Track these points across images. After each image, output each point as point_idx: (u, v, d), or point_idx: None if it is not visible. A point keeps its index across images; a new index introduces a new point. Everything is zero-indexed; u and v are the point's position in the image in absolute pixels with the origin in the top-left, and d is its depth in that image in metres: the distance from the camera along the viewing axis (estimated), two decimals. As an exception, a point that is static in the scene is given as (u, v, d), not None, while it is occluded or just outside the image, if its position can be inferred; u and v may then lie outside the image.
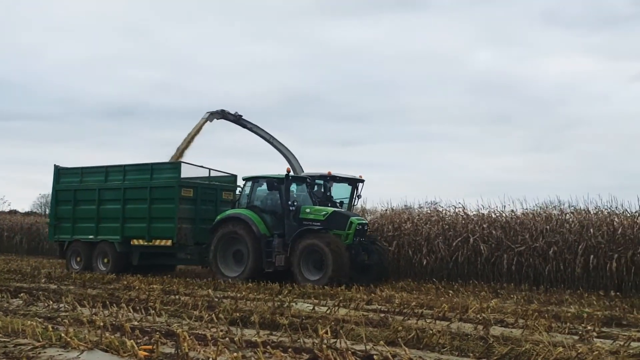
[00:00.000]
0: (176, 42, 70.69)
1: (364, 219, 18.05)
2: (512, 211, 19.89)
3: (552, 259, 17.54)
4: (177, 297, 12.44)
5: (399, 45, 67.25)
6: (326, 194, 18.41)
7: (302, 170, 22.85)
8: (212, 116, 23.74)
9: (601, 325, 9.96)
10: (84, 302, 10.92)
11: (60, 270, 20.06)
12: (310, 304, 11.74)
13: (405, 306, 11.51)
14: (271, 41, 71.73)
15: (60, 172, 21.36)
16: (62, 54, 76.48)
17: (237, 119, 24.30)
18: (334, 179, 18.11)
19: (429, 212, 21.91)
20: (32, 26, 73.54)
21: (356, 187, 18.93)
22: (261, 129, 24.33)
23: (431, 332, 8.20)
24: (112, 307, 10.17)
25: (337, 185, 18.43)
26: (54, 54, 75.65)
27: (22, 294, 12.13)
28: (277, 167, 27.86)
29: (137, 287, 14.47)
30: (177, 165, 19.58)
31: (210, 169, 20.20)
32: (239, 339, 7.34)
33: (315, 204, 17.69)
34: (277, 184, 17.30)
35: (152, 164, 19.66)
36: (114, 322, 8.67)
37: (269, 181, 17.52)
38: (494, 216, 19.90)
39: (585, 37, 62.21)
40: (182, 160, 21.49)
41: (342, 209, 18.43)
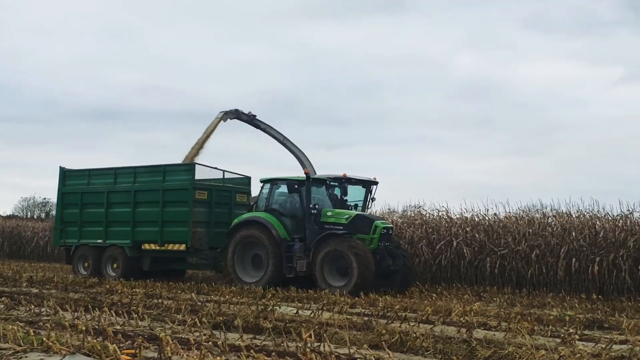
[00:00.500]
0: (159, 44, 70.56)
1: (388, 222, 17.47)
2: (495, 214, 20.02)
3: (534, 262, 17.63)
4: (160, 301, 12.36)
5: (382, 48, 67.56)
6: (341, 197, 17.57)
7: (315, 172, 22.33)
8: (226, 116, 23.25)
9: (583, 328, 10.03)
10: (66, 306, 10.82)
11: (42, 274, 19.83)
12: (294, 307, 11.72)
13: (388, 309, 11.52)
14: (254, 43, 71.83)
15: (66, 174, 20.63)
16: (43, 56, 76.00)
17: (251, 119, 23.84)
18: (349, 181, 17.39)
19: (413, 215, 21.98)
20: (12, 27, 72.95)
21: (370, 190, 18.08)
22: (274, 130, 24.00)
23: (415, 335, 8.21)
24: (95, 311, 10.11)
25: (350, 187, 17.68)
26: (34, 55, 75.14)
27: (3, 298, 11.99)
28: (264, 172, 27.77)
29: (119, 291, 14.37)
30: (191, 166, 18.92)
31: (224, 171, 19.48)
32: (222, 343, 7.31)
33: (334, 207, 17.03)
34: (298, 187, 16.63)
35: (165, 165, 19.02)
36: (96, 326, 8.61)
37: (290, 183, 16.71)
38: (477, 219, 19.99)
39: (566, 42, 62.77)
40: (196, 161, 20.91)
41: (365, 213, 17.80)
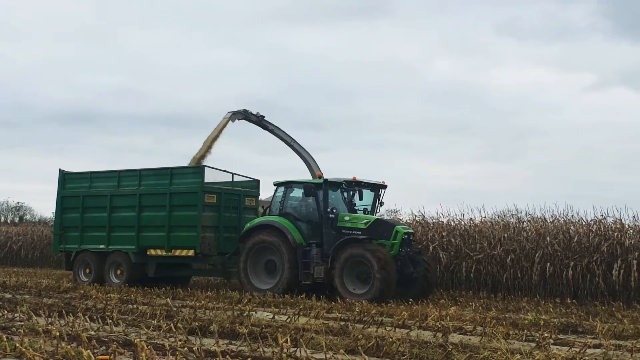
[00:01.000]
0: (133, 47, 70.04)
1: (409, 227, 17.01)
2: (471, 219, 20.14)
3: (509, 266, 17.76)
4: (135, 306, 12.28)
5: (358, 53, 67.71)
6: (350, 201, 16.87)
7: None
8: (234, 116, 22.68)
9: (558, 332, 10.10)
10: (40, 311, 10.71)
11: (15, 279, 19.55)
12: (270, 312, 11.69)
13: (365, 314, 11.54)
14: (230, 47, 71.60)
15: (66, 177, 20.00)
16: (15, 58, 74.95)
17: (259, 120, 23.35)
18: (358, 185, 16.82)
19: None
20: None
21: (378, 194, 17.34)
22: (283, 132, 23.59)
23: (391, 340, 8.23)
24: (69, 316, 10.00)
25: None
26: (6, 57, 74.06)
27: (-25, 304, 11.87)
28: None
29: (94, 296, 14.25)
30: (200, 169, 18.34)
31: (233, 174, 18.94)
32: (197, 348, 7.27)
33: (350, 212, 16.49)
34: (315, 190, 16.20)
35: (172, 168, 18.54)
36: (71, 332, 8.53)
37: (307, 186, 16.30)
38: (452, 224, 20.09)
39: (540, 48, 63.37)
40: (204, 164, 20.32)
41: (385, 217, 17.36)
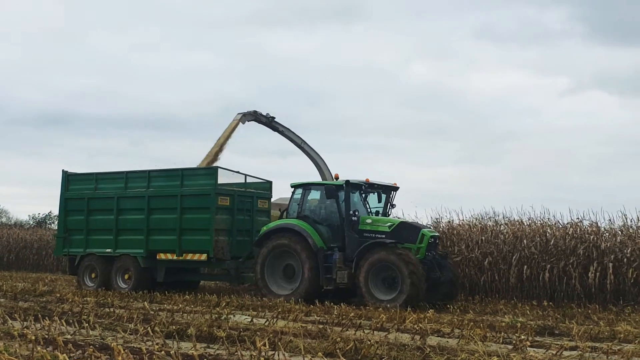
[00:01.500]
0: (109, 49, 69.32)
1: (435, 231, 16.66)
2: (449, 222, 20.21)
3: (487, 269, 17.85)
4: (112, 309, 12.20)
5: (335, 56, 67.71)
6: (364, 203, 16.41)
7: (332, 177, 21.50)
8: (244, 118, 22.28)
9: (534, 334, 10.17)
10: (15, 315, 10.59)
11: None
12: (248, 316, 11.68)
13: (343, 317, 11.54)
14: (207, 50, 71.19)
15: (69, 178, 19.43)
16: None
17: (269, 122, 22.94)
18: (371, 187, 16.40)
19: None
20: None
21: (390, 196, 16.82)
22: (293, 133, 23.26)
23: (369, 342, 8.25)
24: (45, 320, 9.90)
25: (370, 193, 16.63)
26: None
27: (-52, 308, 11.71)
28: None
29: (70, 299, 14.13)
30: (213, 170, 17.82)
31: (246, 175, 18.52)
32: (175, 352, 7.22)
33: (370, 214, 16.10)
34: (336, 192, 15.72)
35: (183, 169, 18.05)
36: (46, 336, 8.44)
37: (328, 188, 15.86)
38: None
39: (516, 52, 63.75)
40: (215, 165, 19.83)
41: (409, 220, 17.23)
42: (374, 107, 64.73)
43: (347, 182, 15.69)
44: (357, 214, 15.66)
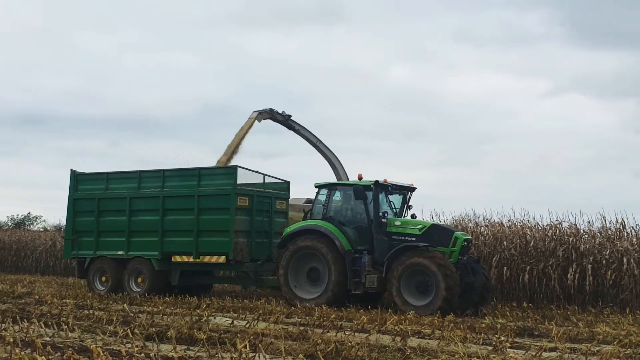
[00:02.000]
0: (88, 49, 68.86)
1: (467, 234, 16.07)
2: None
3: (467, 271, 17.87)
4: (91, 311, 12.12)
5: (315, 58, 67.70)
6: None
7: (348, 178, 21.55)
8: (260, 116, 21.92)
9: (514, 335, 10.23)
10: (-8, 317, 10.50)
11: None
12: (229, 317, 11.63)
13: (324, 319, 11.54)
14: (187, 50, 70.89)
15: (78, 178, 18.74)
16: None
17: (285, 120, 22.67)
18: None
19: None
20: None
21: (406, 196, 16.33)
22: (309, 132, 23.03)
23: (350, 344, 8.25)
24: (23, 322, 9.80)
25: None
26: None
27: None
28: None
29: (49, 301, 14.02)
30: (233, 170, 17.11)
31: (264, 175, 17.93)
32: (154, 354, 7.18)
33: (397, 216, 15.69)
34: (365, 192, 15.20)
35: (200, 168, 17.47)
36: (25, 338, 8.36)
37: (357, 189, 15.18)
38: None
39: (496, 55, 64.14)
40: (232, 164, 19.30)
41: (441, 222, 16.87)
42: (355, 109, 64.78)
43: (376, 182, 15.23)
44: (386, 215, 15.32)
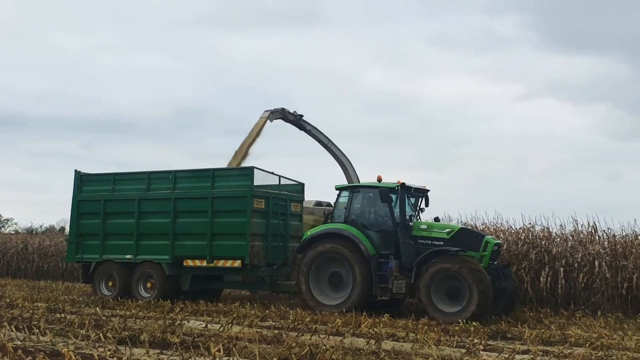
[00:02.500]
0: (61, 50, 68.29)
1: (496, 238, 15.68)
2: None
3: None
4: (63, 315, 11.99)
5: (292, 60, 67.81)
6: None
7: (359, 179, 21.31)
8: (272, 116, 21.38)
9: (487, 338, 10.30)
10: (-38, 321, 10.36)
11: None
12: (202, 321, 11.58)
13: (299, 322, 11.53)
14: (163, 52, 70.68)
15: (82, 179, 17.98)
16: None
17: (297, 120, 22.22)
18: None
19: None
20: None
21: (419, 199, 15.92)
22: (320, 132, 22.60)
23: (324, 347, 8.25)
24: (-7, 326, 9.70)
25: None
26: None
27: None
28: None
29: (20, 305, 13.86)
30: (249, 171, 16.34)
31: (280, 176, 17.30)
32: (127, 358, 7.14)
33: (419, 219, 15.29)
34: (390, 195, 14.65)
35: (214, 169, 16.77)
36: (-6, 343, 8.26)
37: (383, 191, 14.56)
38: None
39: (470, 59, 64.73)
40: (251, 165, 18.18)
41: (468, 226, 16.63)
42: (332, 111, 65.01)
43: (403, 184, 14.86)
44: (413, 219, 15.02)
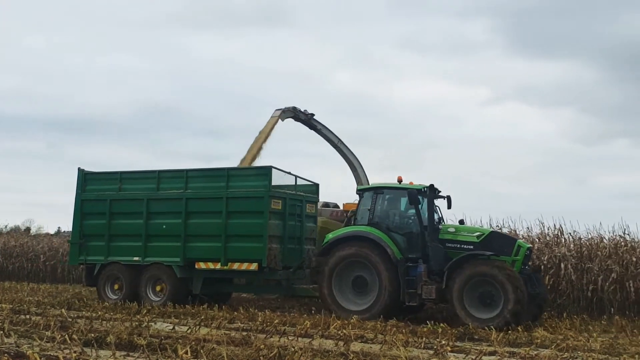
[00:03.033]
0: (29, 48, 67.59)
1: (527, 242, 15.36)
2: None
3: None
4: (28, 316, 11.82)
5: (261, 61, 67.84)
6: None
7: (368, 181, 21.12)
8: (283, 115, 20.98)
9: (455, 339, 10.38)
10: None
11: None
12: (170, 323, 11.51)
13: (268, 324, 11.50)
14: (130, 51, 70.34)
15: (86, 177, 17.27)
16: None
17: (308, 119, 21.92)
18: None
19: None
20: None
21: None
22: (331, 132, 22.35)
23: (293, 349, 8.25)
24: (-45, 328, 9.53)
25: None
26: None
27: None
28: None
29: (-17, 307, 13.65)
30: (267, 171, 15.70)
31: (296, 177, 16.76)
32: (93, 360, 7.06)
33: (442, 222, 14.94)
34: (418, 197, 14.24)
35: (229, 169, 16.24)
36: (-44, 345, 8.13)
37: (411, 193, 14.17)
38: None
39: (439, 63, 65.37)
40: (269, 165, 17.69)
41: (499, 230, 16.47)
42: (300, 112, 65.03)
43: (431, 186, 14.58)
44: (441, 222, 14.77)
